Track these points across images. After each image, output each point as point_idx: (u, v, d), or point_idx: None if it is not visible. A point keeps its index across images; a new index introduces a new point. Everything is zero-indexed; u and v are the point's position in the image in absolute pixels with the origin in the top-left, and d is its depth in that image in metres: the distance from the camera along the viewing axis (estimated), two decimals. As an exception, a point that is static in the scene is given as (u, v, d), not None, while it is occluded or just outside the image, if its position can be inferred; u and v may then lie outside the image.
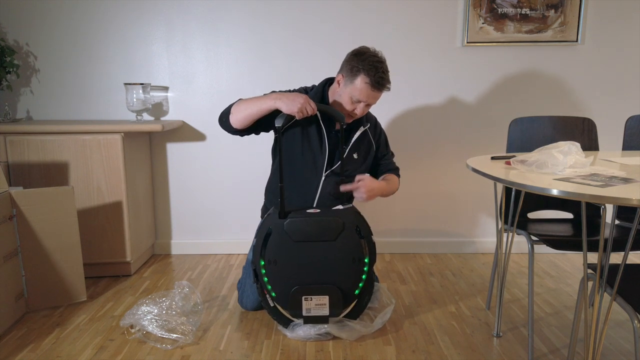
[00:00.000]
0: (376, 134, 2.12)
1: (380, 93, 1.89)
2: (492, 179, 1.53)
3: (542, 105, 2.77)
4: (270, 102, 1.83)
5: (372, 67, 1.83)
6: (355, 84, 1.86)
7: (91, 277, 2.50)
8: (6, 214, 1.99)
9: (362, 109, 1.91)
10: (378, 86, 1.85)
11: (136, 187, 2.59)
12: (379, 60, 1.86)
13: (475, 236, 2.93)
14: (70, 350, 1.82)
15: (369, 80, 1.84)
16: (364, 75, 1.84)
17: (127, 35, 2.70)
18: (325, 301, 1.85)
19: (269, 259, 1.84)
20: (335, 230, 1.82)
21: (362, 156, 2.05)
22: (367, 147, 2.07)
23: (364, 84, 1.85)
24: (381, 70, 1.84)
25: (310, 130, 1.97)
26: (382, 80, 1.85)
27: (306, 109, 1.81)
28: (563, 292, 2.34)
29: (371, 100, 1.89)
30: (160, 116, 2.80)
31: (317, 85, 2.04)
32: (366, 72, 1.83)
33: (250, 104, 1.86)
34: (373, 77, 1.83)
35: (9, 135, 2.34)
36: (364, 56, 1.86)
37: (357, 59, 1.87)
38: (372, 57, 1.86)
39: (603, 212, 1.37)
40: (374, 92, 1.87)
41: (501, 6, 2.65)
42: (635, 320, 1.26)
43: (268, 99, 1.83)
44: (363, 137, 2.04)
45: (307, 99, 1.82)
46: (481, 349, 1.83)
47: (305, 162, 1.98)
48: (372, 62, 1.84)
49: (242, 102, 1.90)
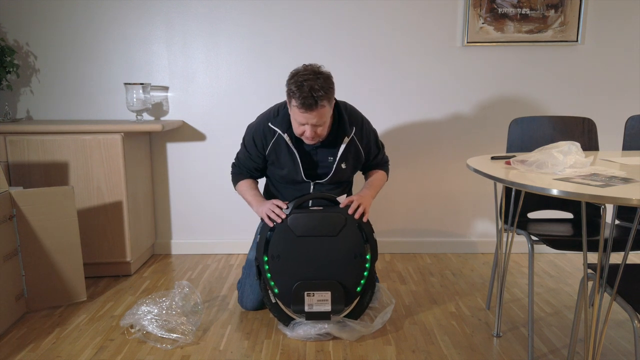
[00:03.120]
0: (363, 140, 2.01)
1: (315, 112, 1.74)
2: (492, 179, 1.53)
3: (542, 105, 2.77)
4: (253, 207, 2.02)
5: (299, 88, 1.71)
6: (292, 108, 1.79)
7: (91, 277, 2.50)
8: (6, 214, 1.99)
9: (310, 131, 1.80)
10: (308, 107, 1.72)
11: (136, 187, 2.59)
12: (312, 78, 1.71)
13: (475, 236, 2.93)
14: (70, 350, 1.82)
15: (297, 103, 1.73)
16: (294, 99, 1.74)
17: (127, 35, 2.70)
18: (327, 297, 1.85)
19: (272, 254, 1.86)
20: (337, 225, 1.84)
21: (350, 164, 2.02)
22: (355, 154, 2.01)
23: (295, 107, 1.76)
24: (308, 89, 1.70)
25: (285, 157, 1.97)
26: (311, 99, 1.70)
27: (273, 214, 1.85)
28: (563, 292, 2.34)
29: (311, 120, 1.76)
30: (160, 116, 2.80)
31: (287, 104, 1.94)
32: (293, 94, 1.73)
33: (243, 198, 2.09)
34: (299, 99, 1.71)
35: (9, 135, 2.34)
36: (295, 77, 1.75)
37: (290, 82, 1.77)
38: (302, 77, 1.73)
39: (603, 212, 1.37)
40: (309, 114, 1.74)
41: (501, 6, 2.65)
42: (635, 320, 1.26)
43: (252, 205, 2.02)
44: (349, 147, 1.97)
45: (272, 207, 1.87)
46: (481, 349, 1.83)
47: (290, 181, 2.03)
48: (300, 83, 1.72)
49: (239, 189, 2.10)
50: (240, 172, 2.11)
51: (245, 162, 2.07)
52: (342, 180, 2.05)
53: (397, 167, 2.82)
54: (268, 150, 1.99)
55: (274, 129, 1.95)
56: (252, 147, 2.02)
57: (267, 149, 1.99)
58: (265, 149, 1.99)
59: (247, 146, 2.04)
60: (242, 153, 2.09)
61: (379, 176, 2.13)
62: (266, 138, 1.97)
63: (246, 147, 2.05)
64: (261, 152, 2.00)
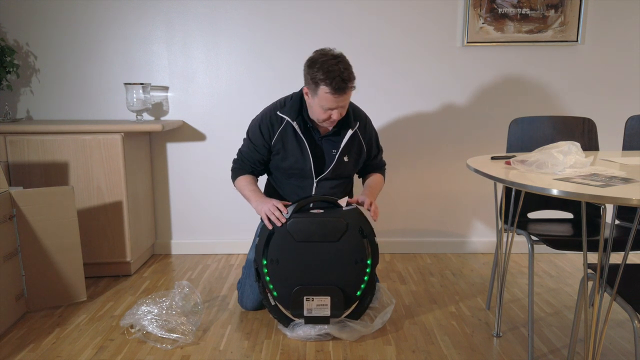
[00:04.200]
0: (366, 135, 2.07)
1: (347, 95, 1.82)
2: (492, 179, 1.53)
3: (542, 105, 2.77)
4: (252, 203, 1.99)
5: (328, 74, 1.76)
6: (319, 95, 1.81)
7: (91, 277, 2.50)
8: (6, 214, 1.99)
9: (338, 113, 1.85)
10: (341, 91, 1.79)
11: (136, 187, 2.59)
12: (335, 63, 1.78)
13: (475, 236, 2.93)
14: (70, 350, 1.82)
15: (329, 89, 1.77)
16: (323, 85, 1.78)
17: (127, 35, 2.70)
18: (326, 302, 1.84)
19: (271, 258, 1.84)
20: (338, 231, 1.82)
21: (353, 158, 2.04)
22: (358, 149, 2.05)
23: (326, 94, 1.79)
24: (338, 73, 1.76)
25: (292, 146, 1.98)
26: (342, 83, 1.77)
27: (273, 217, 1.84)
28: (563, 292, 2.34)
29: (341, 103, 1.83)
30: (160, 116, 2.80)
31: (295, 95, 2.01)
32: (324, 81, 1.77)
33: (242, 193, 2.07)
34: (332, 85, 1.76)
35: (9, 135, 2.34)
36: (317, 65, 1.79)
37: (313, 69, 1.80)
38: (325, 64, 1.78)
39: (603, 212, 1.37)
40: (340, 97, 1.81)
41: (501, 6, 2.65)
42: (635, 320, 1.26)
43: (251, 201, 2.00)
44: (353, 139, 2.01)
45: (272, 208, 1.85)
46: (481, 349, 1.83)
47: (294, 173, 2.03)
48: (326, 69, 1.77)
49: (239, 184, 2.08)
50: (241, 167, 2.10)
51: (249, 155, 2.06)
52: (343, 176, 2.06)
53: (397, 167, 2.82)
54: (274, 139, 1.99)
55: (282, 117, 1.97)
56: (258, 137, 2.01)
57: (274, 138, 1.99)
58: (271, 137, 1.99)
59: (252, 137, 2.04)
60: (245, 146, 2.08)
61: (378, 179, 2.16)
62: (273, 126, 1.98)
63: (250, 139, 2.05)
64: (267, 141, 2.00)
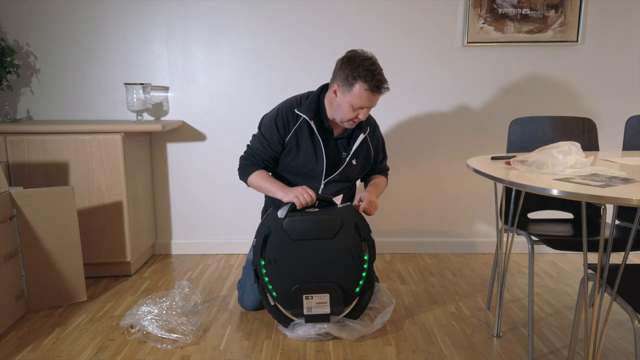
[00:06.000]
0: (374, 140, 2.12)
1: (380, 95, 1.89)
2: (493, 179, 1.53)
3: (542, 105, 2.77)
4: (279, 194, 1.94)
5: (367, 73, 1.82)
6: (354, 92, 1.85)
7: (91, 277, 2.51)
8: (6, 214, 1.99)
9: (364, 113, 1.91)
10: (378, 90, 1.85)
11: (136, 187, 2.59)
12: (372, 63, 1.85)
13: (475, 236, 2.93)
14: (70, 350, 1.82)
15: (367, 86, 1.83)
16: (361, 82, 1.82)
17: (127, 35, 2.70)
18: (326, 299, 1.85)
19: (269, 258, 1.85)
20: (333, 228, 1.83)
21: (360, 162, 2.07)
22: (366, 153, 2.09)
23: (363, 90, 1.83)
24: (377, 73, 1.83)
25: (307, 145, 1.99)
26: (380, 83, 1.84)
27: (302, 197, 1.85)
28: (563, 292, 2.34)
29: (372, 103, 1.89)
30: (161, 116, 2.80)
31: (312, 94, 2.03)
32: (363, 78, 1.82)
33: (262, 187, 2.01)
34: (371, 82, 1.82)
35: (9, 135, 2.34)
36: (356, 62, 1.84)
37: (350, 67, 1.84)
38: (364, 62, 1.84)
39: (603, 212, 1.37)
40: (375, 96, 1.87)
41: (501, 6, 2.65)
42: (635, 320, 1.26)
43: (277, 191, 1.95)
44: (362, 144, 2.04)
45: (302, 191, 1.87)
46: (481, 349, 1.83)
47: (303, 173, 2.03)
48: (366, 67, 1.83)
49: (255, 179, 2.02)
50: (253, 163, 2.06)
51: (260, 151, 2.04)
52: (350, 179, 2.08)
53: (398, 167, 2.82)
54: (289, 136, 1.99)
55: (298, 115, 1.98)
56: (273, 132, 2.00)
57: (289, 134, 1.99)
58: (287, 133, 1.99)
59: (265, 133, 2.03)
60: (257, 142, 2.06)
61: (382, 180, 2.19)
62: (289, 123, 1.99)
63: (264, 135, 2.03)
64: (282, 136, 2.00)
